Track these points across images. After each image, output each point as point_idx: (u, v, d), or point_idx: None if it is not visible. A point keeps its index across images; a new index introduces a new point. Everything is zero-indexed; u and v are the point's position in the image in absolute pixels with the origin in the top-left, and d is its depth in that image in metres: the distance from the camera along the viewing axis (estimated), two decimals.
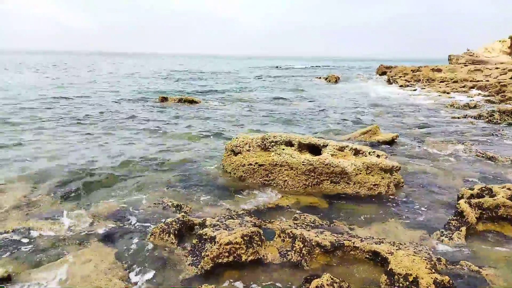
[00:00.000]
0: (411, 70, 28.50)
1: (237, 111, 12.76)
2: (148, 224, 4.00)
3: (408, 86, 23.14)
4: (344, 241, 3.33)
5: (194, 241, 3.43)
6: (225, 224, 3.59)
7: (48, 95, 15.30)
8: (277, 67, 58.54)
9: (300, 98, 17.04)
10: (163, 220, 3.84)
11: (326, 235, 3.45)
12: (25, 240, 3.63)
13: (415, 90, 20.85)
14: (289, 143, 5.45)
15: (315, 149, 5.50)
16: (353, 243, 3.31)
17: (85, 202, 4.62)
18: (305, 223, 3.98)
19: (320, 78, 30.16)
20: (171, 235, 3.54)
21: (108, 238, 3.68)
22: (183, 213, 3.97)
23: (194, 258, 3.25)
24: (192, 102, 14.03)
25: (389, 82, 26.30)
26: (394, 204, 4.73)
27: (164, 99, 14.34)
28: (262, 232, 3.45)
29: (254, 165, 5.33)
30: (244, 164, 5.43)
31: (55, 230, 3.81)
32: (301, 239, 3.35)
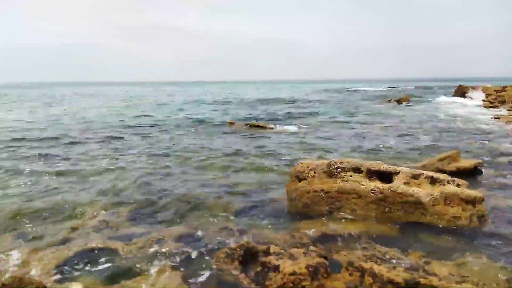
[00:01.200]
0: (495, 90, 26.01)
1: (305, 135, 12.68)
2: (214, 248, 4.06)
3: (492, 107, 21.10)
4: (420, 279, 3.02)
5: (257, 269, 3.39)
6: (289, 252, 3.50)
7: (142, 122, 16.77)
8: (347, 90, 57.70)
9: (368, 121, 16.44)
10: (228, 245, 3.88)
11: (399, 271, 3.17)
12: (102, 259, 3.91)
13: (500, 112, 18.91)
14: (357, 170, 5.22)
15: (385, 176, 5.19)
16: (430, 281, 2.98)
17: (155, 224, 4.88)
18: (375, 255, 3.72)
19: (390, 101, 28.91)
20: (235, 261, 3.55)
21: (176, 260, 3.80)
22: (247, 239, 3.97)
23: (258, 286, 3.20)
24: (259, 127, 14.31)
25: (469, 102, 24.24)
26: (477, 239, 4.22)
27: (231, 124, 14.87)
28: (328, 264, 3.29)
29: (320, 192, 5.19)
30: (309, 191, 5.31)
31: (129, 251, 4.05)
32: (371, 274, 3.12)
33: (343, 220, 4.85)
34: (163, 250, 4.03)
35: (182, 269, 3.60)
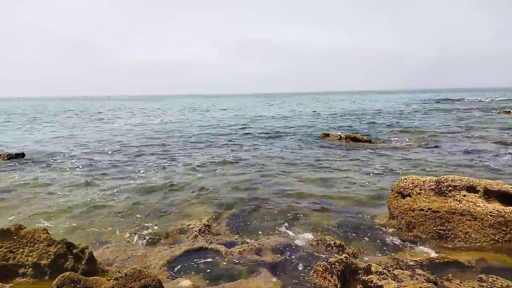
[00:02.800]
0: None
1: (409, 149, 11.83)
2: (311, 260, 4.03)
3: None
4: None
5: (358, 287, 3.26)
6: (393, 273, 3.29)
7: (248, 131, 17.84)
8: (449, 99, 52.25)
9: (484, 135, 14.56)
10: (326, 259, 3.81)
11: None
12: (206, 260, 4.20)
13: None
14: (472, 189, 4.67)
15: (507, 198, 4.54)
16: None
17: (255, 232, 5.06)
18: None
19: (510, 112, 25.18)
20: (334, 276, 3.46)
21: (274, 269, 3.88)
22: (346, 255, 3.85)
23: None
24: (356, 139, 13.83)
25: None
26: None
27: (326, 136, 14.65)
28: None
29: (427, 211, 4.77)
30: (414, 209, 4.93)
31: (230, 255, 4.27)
32: None
33: (454, 244, 4.37)
34: (262, 258, 4.15)
35: (279, 279, 3.66)
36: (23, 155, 11.25)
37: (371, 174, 8.41)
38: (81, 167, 9.83)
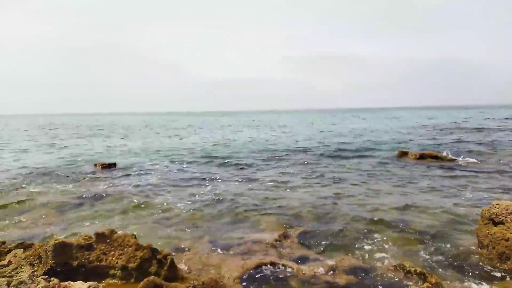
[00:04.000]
0: None
1: (498, 170, 10.64)
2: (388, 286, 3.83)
3: None
4: None
5: None
6: None
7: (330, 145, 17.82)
8: None
9: None
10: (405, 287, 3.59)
11: None
12: (278, 276, 4.22)
13: None
14: None
15: None
16: None
17: (328, 251, 4.96)
18: None
19: None
20: None
21: None
22: (428, 284, 3.57)
23: None
24: (435, 157, 12.83)
25: None
26: None
27: (403, 154, 13.82)
28: None
29: None
30: (508, 239, 4.40)
31: (302, 273, 4.23)
32: None
33: None
34: (335, 280, 4.04)
35: None
36: (114, 164, 12.51)
37: (455, 197, 7.71)
38: (162, 176, 10.61)
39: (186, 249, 5.21)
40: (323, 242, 5.31)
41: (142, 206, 7.47)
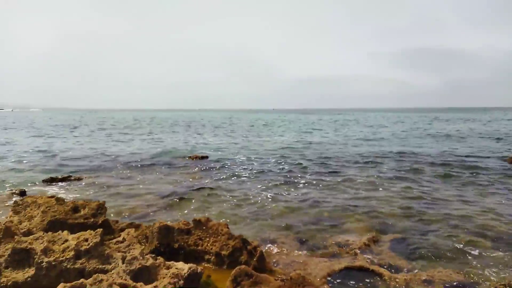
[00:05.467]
0: None
1: None
2: None
3: None
4: None
5: None
6: None
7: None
8: None
9: None
10: None
11: None
12: (367, 281, 4.07)
13: None
14: None
15: None
16: None
17: (423, 261, 4.62)
18: None
19: None
20: None
21: None
22: None
23: None
24: None
25: None
26: None
27: None
28: None
29: None
30: None
31: (394, 281, 4.01)
32: None
33: None
34: None
35: None
36: (206, 157, 13.40)
37: None
38: (251, 171, 11.01)
39: (273, 243, 5.33)
40: (418, 251, 4.94)
41: (232, 197, 7.85)
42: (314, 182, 9.59)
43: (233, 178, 10.01)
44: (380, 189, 8.74)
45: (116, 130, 33.94)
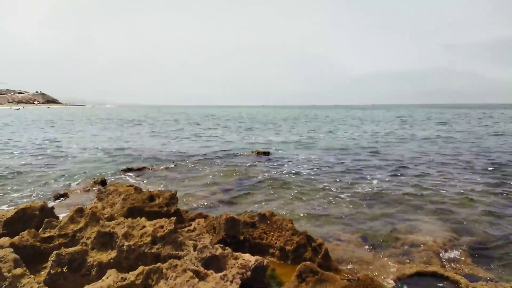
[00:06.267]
0: None
1: None
2: None
3: None
4: None
5: None
6: None
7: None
8: None
9: None
10: None
11: None
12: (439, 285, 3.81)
13: None
14: None
15: None
16: None
17: (505, 272, 4.20)
18: None
19: None
20: None
21: None
22: None
23: None
24: None
25: None
26: None
27: None
28: None
29: None
30: None
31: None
32: None
33: None
34: None
35: None
36: (268, 153, 13.51)
37: None
38: (317, 166, 10.88)
39: (337, 240, 5.22)
40: (499, 259, 4.51)
41: (295, 193, 7.84)
42: (386, 179, 9.19)
43: (295, 174, 9.97)
44: (459, 189, 8.09)
45: (183, 125, 35.76)
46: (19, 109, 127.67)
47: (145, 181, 9.04)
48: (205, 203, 7.14)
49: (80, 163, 11.86)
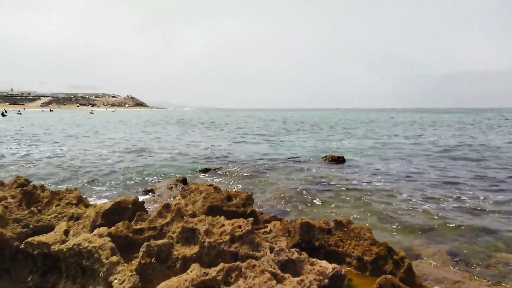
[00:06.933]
0: None
1: None
2: None
3: None
4: None
5: None
6: None
7: None
8: None
9: None
10: None
11: None
12: None
13: None
14: None
15: None
16: None
17: None
18: None
19: None
20: None
21: None
22: None
23: None
24: None
25: None
26: None
27: None
28: None
29: None
30: None
31: None
32: None
33: None
34: None
35: None
36: (343, 159, 13.10)
37: None
38: (396, 176, 10.30)
39: (421, 254, 4.86)
40: None
41: (372, 201, 7.49)
42: (485, 194, 8.27)
43: (370, 182, 9.53)
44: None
45: (251, 128, 36.56)
46: (114, 111, 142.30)
47: (219, 181, 9.43)
48: (277, 207, 7.18)
49: (161, 162, 12.85)
